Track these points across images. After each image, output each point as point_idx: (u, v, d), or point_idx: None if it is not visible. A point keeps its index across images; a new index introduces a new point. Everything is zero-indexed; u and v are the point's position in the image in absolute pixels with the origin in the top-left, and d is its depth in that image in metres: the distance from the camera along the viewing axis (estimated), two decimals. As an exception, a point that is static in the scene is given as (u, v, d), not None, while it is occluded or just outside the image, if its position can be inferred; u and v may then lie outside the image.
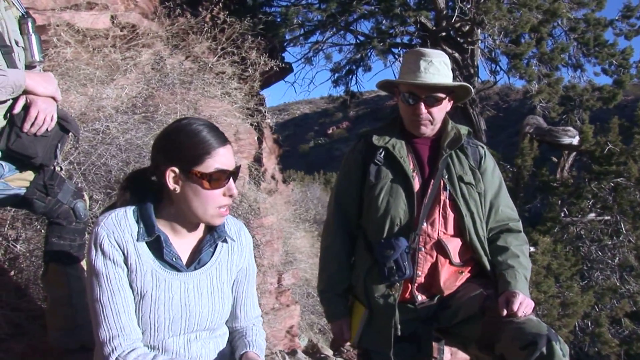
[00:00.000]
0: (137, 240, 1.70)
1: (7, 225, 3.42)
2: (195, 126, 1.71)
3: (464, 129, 2.62)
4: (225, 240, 1.87)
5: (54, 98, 2.41)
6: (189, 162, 1.68)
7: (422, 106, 2.48)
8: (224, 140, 1.74)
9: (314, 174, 29.83)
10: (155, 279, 1.70)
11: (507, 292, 2.31)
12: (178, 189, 1.70)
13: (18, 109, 2.31)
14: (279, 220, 7.06)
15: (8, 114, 2.32)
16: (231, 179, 1.75)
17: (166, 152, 1.71)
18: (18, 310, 3.04)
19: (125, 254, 1.68)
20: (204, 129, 1.72)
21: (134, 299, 1.69)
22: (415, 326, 2.51)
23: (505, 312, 2.22)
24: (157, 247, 1.72)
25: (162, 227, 1.75)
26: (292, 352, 4.81)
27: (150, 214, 1.73)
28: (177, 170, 1.69)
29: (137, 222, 1.72)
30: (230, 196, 1.76)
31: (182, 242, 1.79)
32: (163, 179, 1.70)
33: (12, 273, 3.33)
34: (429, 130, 2.57)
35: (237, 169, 1.78)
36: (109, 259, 1.66)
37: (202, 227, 1.84)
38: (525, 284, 2.39)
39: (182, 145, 1.68)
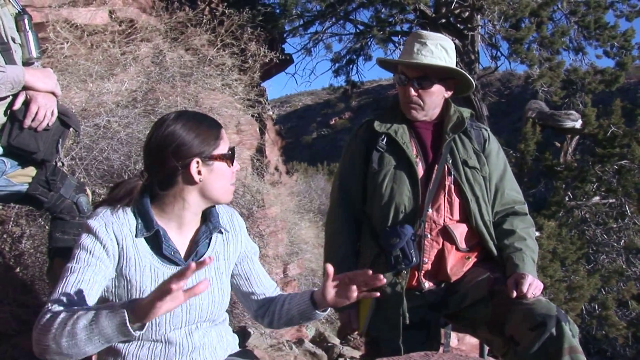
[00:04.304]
0: (136, 236, 1.70)
1: (11, 223, 3.42)
2: (190, 116, 1.78)
3: (466, 112, 2.59)
4: (219, 231, 1.89)
5: (53, 93, 2.41)
6: (209, 148, 1.74)
7: (411, 88, 2.47)
8: (218, 123, 1.83)
9: (317, 165, 29.83)
10: (154, 274, 1.70)
11: (516, 274, 2.30)
12: (201, 178, 1.73)
13: (18, 104, 2.30)
14: (283, 211, 7.06)
15: (8, 111, 2.31)
16: None
17: (181, 149, 1.71)
18: (25, 307, 3.04)
19: (121, 247, 1.68)
20: (196, 117, 1.79)
21: (134, 294, 1.68)
22: (424, 313, 2.50)
23: (514, 294, 2.21)
24: (156, 242, 1.73)
25: (159, 222, 1.75)
26: (300, 342, 4.82)
27: (147, 209, 1.73)
28: (199, 160, 1.72)
29: (135, 217, 1.73)
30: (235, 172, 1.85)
31: (179, 236, 1.79)
32: (186, 173, 1.71)
33: (18, 270, 3.33)
34: (419, 114, 2.55)
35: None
36: (100, 242, 1.65)
37: (197, 219, 1.85)
38: (533, 265, 2.38)
39: (196, 136, 1.72)
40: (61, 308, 1.52)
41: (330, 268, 1.75)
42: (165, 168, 1.72)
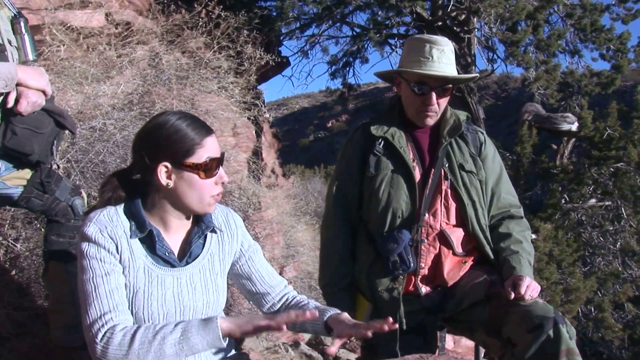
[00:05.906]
0: (131, 237, 1.69)
1: (7, 225, 3.41)
2: (178, 119, 1.71)
3: (462, 115, 2.59)
4: (214, 231, 1.87)
5: (44, 92, 2.39)
6: (181, 155, 1.68)
7: (434, 97, 2.44)
8: (209, 130, 1.76)
9: (314, 168, 29.80)
10: (147, 275, 1.70)
11: (514, 276, 2.29)
12: (171, 184, 1.70)
13: (11, 102, 2.28)
14: (280, 213, 7.05)
15: (2, 111, 2.30)
16: (220, 167, 1.77)
17: (154, 149, 1.69)
18: (20, 310, 3.03)
19: (119, 248, 1.67)
20: (187, 120, 1.72)
21: (127, 294, 1.67)
22: (421, 317, 2.49)
23: (512, 296, 2.20)
24: (150, 243, 1.72)
25: (152, 222, 1.74)
26: (295, 344, 4.80)
27: (139, 210, 1.72)
28: (169, 165, 1.68)
29: (128, 219, 1.72)
30: (222, 183, 1.78)
31: (172, 237, 1.78)
32: (154, 175, 1.69)
33: (13, 272, 3.32)
34: (433, 121, 2.54)
35: (223, 155, 1.79)
36: (103, 248, 1.65)
37: (184, 222, 1.83)
38: (530, 268, 2.38)
39: (170, 139, 1.68)
40: (125, 324, 1.59)
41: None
42: (140, 164, 1.72)
